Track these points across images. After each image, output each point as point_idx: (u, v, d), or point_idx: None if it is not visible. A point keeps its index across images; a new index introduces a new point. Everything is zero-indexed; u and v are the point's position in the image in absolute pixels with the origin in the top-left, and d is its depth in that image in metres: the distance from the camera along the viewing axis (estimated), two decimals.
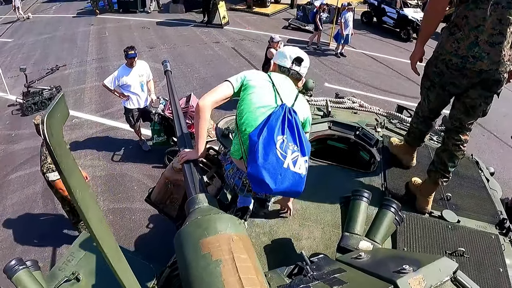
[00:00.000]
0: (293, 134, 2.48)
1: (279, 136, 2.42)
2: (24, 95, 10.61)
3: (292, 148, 2.44)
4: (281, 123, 2.46)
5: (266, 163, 2.38)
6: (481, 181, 4.06)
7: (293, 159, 2.42)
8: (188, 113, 7.49)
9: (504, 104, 14.16)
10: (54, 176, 5.08)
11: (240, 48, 16.50)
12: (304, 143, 2.51)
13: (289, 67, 2.86)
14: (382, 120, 5.00)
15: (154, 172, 7.88)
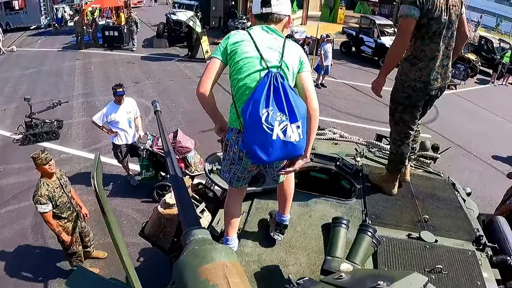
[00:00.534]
0: (279, 102, 2.51)
1: (264, 110, 2.48)
2: (27, 125, 10.95)
3: (279, 118, 2.49)
4: (265, 95, 2.51)
5: (254, 138, 2.52)
6: (457, 201, 4.27)
7: (282, 129, 2.49)
8: (176, 148, 7.77)
9: (481, 124, 14.76)
10: (42, 208, 5.32)
11: (223, 82, 16.53)
12: (295, 108, 2.52)
13: (260, 12, 2.85)
14: (361, 150, 5.19)
15: (143, 207, 8.07)
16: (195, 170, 8.10)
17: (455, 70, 22.37)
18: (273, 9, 2.81)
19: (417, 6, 3.52)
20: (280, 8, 2.83)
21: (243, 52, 2.71)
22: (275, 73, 2.59)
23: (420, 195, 4.27)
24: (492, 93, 22.41)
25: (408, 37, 3.67)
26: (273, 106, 2.50)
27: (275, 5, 2.81)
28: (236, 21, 24.96)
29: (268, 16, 2.83)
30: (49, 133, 11.15)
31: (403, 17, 3.67)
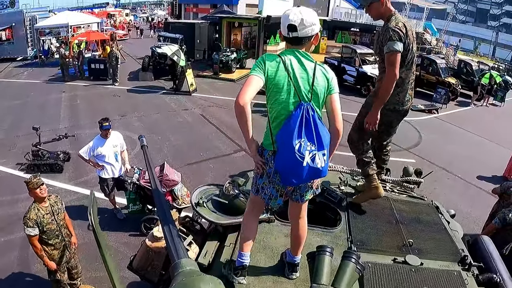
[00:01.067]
0: (310, 134, 2.83)
1: (296, 141, 2.79)
2: (33, 155, 11.25)
3: (310, 148, 2.81)
4: (298, 127, 2.82)
5: (287, 164, 2.86)
6: (441, 224, 4.38)
7: (311, 157, 2.82)
8: (163, 182, 7.91)
9: (464, 146, 15.13)
10: (28, 231, 5.46)
11: (208, 114, 17.24)
12: (322, 138, 2.85)
13: (288, 36, 2.97)
14: (345, 179, 5.30)
15: (130, 240, 8.13)
16: (182, 203, 8.22)
17: (436, 94, 23.04)
18: (299, 33, 2.94)
19: (401, 41, 4.11)
20: (306, 31, 2.94)
21: (279, 81, 2.92)
22: (306, 105, 2.88)
23: (404, 220, 4.37)
24: (473, 115, 23.21)
25: (398, 69, 4.15)
26: (304, 138, 2.81)
27: (301, 30, 2.93)
28: (220, 53, 25.32)
29: (295, 40, 2.98)
30: (53, 166, 11.27)
31: (392, 52, 4.08)
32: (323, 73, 2.99)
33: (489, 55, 69.54)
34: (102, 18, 47.96)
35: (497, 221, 6.62)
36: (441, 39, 51.79)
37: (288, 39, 3.01)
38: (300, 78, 2.93)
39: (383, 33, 4.23)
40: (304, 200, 3.30)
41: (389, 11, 4.32)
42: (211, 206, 3.99)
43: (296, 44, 3.00)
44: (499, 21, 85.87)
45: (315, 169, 2.85)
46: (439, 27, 58.96)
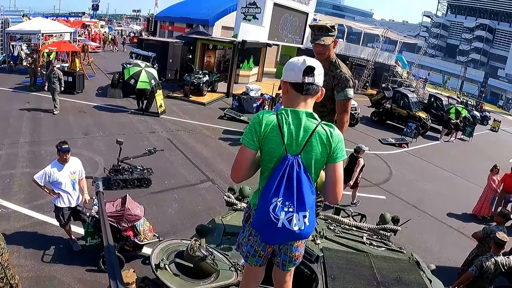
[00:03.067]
0: (290, 192, 2.58)
1: (273, 199, 2.58)
2: (114, 169, 11.39)
3: (286, 208, 2.57)
4: (277, 183, 2.60)
5: (262, 222, 2.67)
6: (424, 284, 4.18)
7: (288, 219, 2.58)
8: (124, 216, 7.52)
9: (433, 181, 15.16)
10: None
11: (176, 139, 16.81)
12: (305, 198, 2.59)
13: (302, 81, 2.71)
14: (321, 229, 5.07)
15: (86, 276, 7.56)
16: (144, 238, 7.87)
17: (407, 128, 23.55)
18: (315, 79, 2.73)
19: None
20: (320, 78, 2.76)
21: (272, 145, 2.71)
22: (293, 159, 2.63)
23: (385, 281, 4.13)
24: (442, 150, 23.86)
25: None
26: (282, 197, 2.58)
27: (317, 75, 2.73)
28: (192, 75, 25.07)
29: (309, 87, 2.74)
30: (141, 180, 11.60)
31: (349, 99, 4.21)
32: (324, 138, 2.71)
33: (457, 89, 71.68)
34: (77, 28, 47.26)
35: (474, 269, 6.56)
36: (412, 72, 53.17)
37: (297, 85, 2.74)
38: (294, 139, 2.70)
39: (338, 78, 4.24)
40: (285, 270, 3.09)
41: (332, 53, 4.36)
42: (174, 268, 3.59)
43: (305, 94, 2.75)
44: (468, 56, 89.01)
45: (292, 232, 2.62)
46: (409, 60, 60.61)
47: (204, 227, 4.91)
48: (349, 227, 5.66)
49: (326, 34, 4.14)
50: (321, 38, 4.15)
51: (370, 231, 5.60)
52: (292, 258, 3.02)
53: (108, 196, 9.60)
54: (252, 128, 2.74)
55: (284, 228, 2.60)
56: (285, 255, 3.01)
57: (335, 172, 2.76)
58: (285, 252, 3.00)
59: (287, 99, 2.85)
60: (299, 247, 3.02)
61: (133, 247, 7.94)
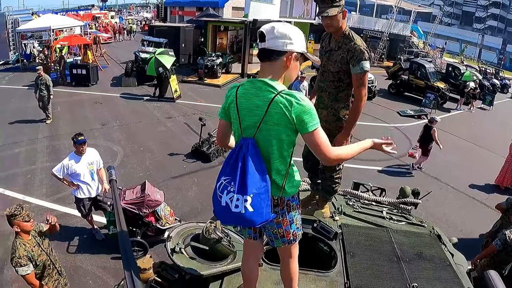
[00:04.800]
0: (234, 172, 2.57)
1: (222, 178, 2.63)
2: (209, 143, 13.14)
3: (230, 188, 2.57)
4: (225, 163, 2.66)
5: (213, 199, 2.74)
6: (446, 259, 4.10)
7: (230, 199, 2.56)
8: (145, 203, 7.54)
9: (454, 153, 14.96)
10: (24, 271, 4.96)
11: (193, 123, 16.77)
12: (248, 181, 2.51)
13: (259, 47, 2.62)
14: (339, 206, 4.98)
15: (110, 264, 7.64)
16: (166, 223, 7.91)
17: (425, 99, 23.07)
18: (266, 44, 2.56)
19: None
20: (275, 42, 2.55)
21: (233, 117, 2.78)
22: (246, 142, 2.61)
23: (406, 256, 4.04)
24: (462, 120, 23.28)
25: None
26: (228, 176, 2.60)
27: (270, 39, 2.55)
28: (205, 58, 25.03)
29: (263, 53, 2.62)
30: (219, 151, 13.12)
31: (365, 72, 4.05)
32: (282, 107, 2.51)
33: (475, 57, 70.19)
34: (87, 20, 47.34)
35: (498, 243, 6.36)
36: (428, 41, 52.20)
37: (258, 54, 2.68)
38: (248, 112, 2.65)
39: (352, 51, 4.06)
40: (275, 246, 3.02)
41: (343, 26, 4.18)
42: (190, 252, 3.56)
43: (265, 60, 2.64)
44: (485, 23, 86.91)
45: (232, 213, 2.57)
46: (425, 30, 59.43)
47: None
48: (369, 202, 5.56)
49: (330, 5, 3.99)
50: (326, 10, 4.00)
51: (390, 205, 5.50)
52: (277, 235, 2.93)
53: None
54: (224, 102, 2.86)
55: (227, 208, 2.58)
56: (269, 231, 2.97)
57: (310, 140, 2.60)
58: (268, 229, 2.96)
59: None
60: (282, 224, 2.89)
61: (155, 233, 8.00)
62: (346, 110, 4.37)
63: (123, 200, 7.57)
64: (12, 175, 11.15)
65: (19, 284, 6.99)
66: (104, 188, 8.16)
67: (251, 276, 3.24)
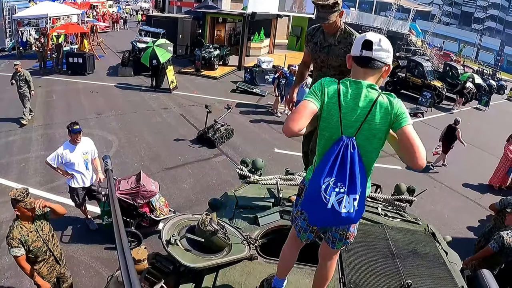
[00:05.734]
0: (343, 173, 2.54)
1: (326, 179, 2.54)
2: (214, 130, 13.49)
3: (338, 189, 2.53)
4: (331, 164, 2.56)
5: (311, 202, 2.65)
6: (440, 256, 4.11)
7: (338, 200, 2.54)
8: (140, 193, 7.51)
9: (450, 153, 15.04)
10: (14, 252, 5.05)
11: (189, 114, 16.79)
12: (357, 181, 2.55)
13: (359, 55, 2.68)
14: None
15: (104, 254, 7.62)
16: (160, 214, 7.89)
17: (422, 97, 23.13)
18: (373, 53, 2.65)
19: None
20: (381, 54, 2.66)
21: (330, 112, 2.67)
22: (347, 141, 2.59)
23: (401, 253, 4.04)
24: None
25: None
26: (335, 177, 2.54)
27: (376, 50, 2.65)
28: (203, 50, 24.92)
29: (367, 60, 2.67)
30: (229, 133, 14.03)
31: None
32: (385, 107, 2.62)
33: (473, 57, 70.26)
34: (85, 9, 47.03)
35: (495, 246, 6.35)
36: (426, 40, 52.19)
37: (357, 58, 2.71)
38: (352, 110, 2.64)
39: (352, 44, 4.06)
40: (335, 248, 3.04)
41: (340, 21, 4.30)
42: (185, 244, 3.53)
43: (364, 67, 2.69)
44: (483, 24, 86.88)
45: (339, 214, 2.56)
46: (423, 28, 59.39)
47: (217, 201, 4.83)
48: None
49: (330, 11, 4.05)
50: (326, 17, 4.08)
51: (385, 202, 5.48)
52: (343, 236, 2.96)
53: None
54: (313, 91, 2.70)
55: (333, 210, 2.55)
56: (336, 232, 2.96)
57: (406, 135, 2.61)
58: (336, 229, 2.95)
59: (352, 72, 2.80)
60: (351, 226, 2.94)
61: (150, 223, 7.99)
62: None
63: (118, 190, 7.53)
64: (6, 164, 11.10)
65: (12, 273, 7.01)
66: (98, 178, 8.12)
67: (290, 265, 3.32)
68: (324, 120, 2.70)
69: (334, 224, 2.80)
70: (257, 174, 5.65)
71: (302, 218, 2.98)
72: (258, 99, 20.42)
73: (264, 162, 5.92)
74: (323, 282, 3.22)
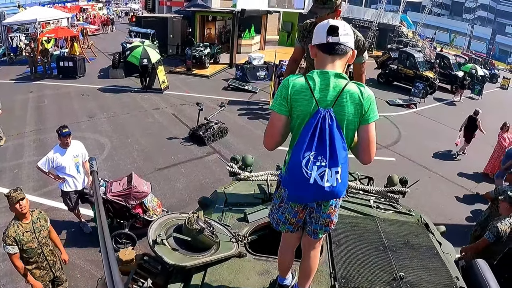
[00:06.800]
0: (322, 146, 2.51)
1: (306, 154, 2.51)
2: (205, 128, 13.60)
3: (319, 163, 2.50)
4: (310, 137, 2.52)
5: (293, 179, 2.60)
6: (433, 247, 4.08)
7: (320, 174, 2.50)
8: (132, 194, 7.49)
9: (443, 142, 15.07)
10: (7, 249, 5.16)
11: (180, 114, 16.79)
12: (338, 153, 2.51)
13: (325, 42, 2.63)
14: None
15: (98, 257, 7.58)
16: (153, 214, 7.87)
17: (414, 88, 23.22)
18: (340, 38, 2.62)
19: None
20: (346, 39, 2.65)
21: (303, 105, 2.63)
22: (324, 112, 2.54)
23: (393, 245, 4.00)
24: (450, 109, 23.55)
25: None
26: (315, 151, 2.50)
27: (342, 35, 2.63)
28: (193, 49, 24.87)
29: (334, 46, 2.64)
30: (222, 131, 14.04)
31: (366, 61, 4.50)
32: (356, 94, 2.61)
33: (465, 47, 70.37)
34: (74, 12, 46.88)
35: (490, 236, 6.30)
36: (417, 31, 52.24)
37: (323, 46, 2.66)
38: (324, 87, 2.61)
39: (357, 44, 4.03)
40: (317, 238, 3.04)
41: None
42: (173, 243, 3.51)
43: (332, 54, 2.66)
44: (474, 14, 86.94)
45: (322, 188, 2.52)
46: (414, 19, 59.43)
47: (207, 199, 4.81)
48: (356, 191, 5.52)
49: (322, 6, 4.04)
50: (316, 11, 4.10)
51: (378, 194, 5.46)
52: (323, 225, 2.93)
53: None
54: (280, 92, 2.68)
55: (316, 185, 2.51)
56: (316, 223, 2.93)
57: (368, 133, 2.68)
58: (316, 220, 2.91)
59: (316, 63, 2.77)
60: (331, 214, 2.89)
61: (143, 224, 7.96)
62: None
63: (110, 192, 7.52)
64: None
65: (8, 280, 6.99)
66: (90, 180, 8.07)
67: (289, 266, 3.34)
68: (298, 116, 2.68)
69: (318, 199, 2.72)
70: (247, 170, 5.61)
71: (281, 211, 2.97)
72: (250, 95, 20.43)
73: (253, 158, 5.88)
74: (308, 273, 3.22)
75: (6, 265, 7.09)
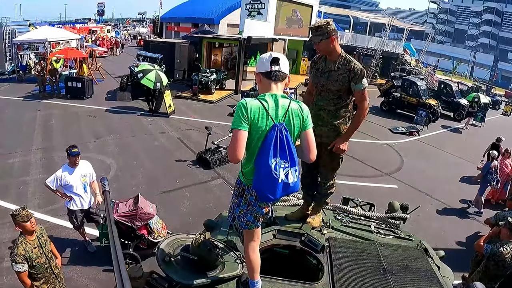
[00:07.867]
0: (284, 152, 3.13)
1: (273, 159, 3.10)
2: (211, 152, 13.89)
3: (283, 165, 3.13)
4: (273, 147, 3.11)
5: (264, 182, 3.16)
6: (432, 271, 4.16)
7: (285, 174, 3.15)
8: (137, 215, 7.59)
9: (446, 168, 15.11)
10: (17, 268, 5.23)
11: (186, 138, 16.96)
12: (294, 155, 3.18)
13: (269, 70, 3.25)
14: (327, 220, 5.07)
15: (102, 276, 7.67)
16: (158, 236, 7.94)
17: (417, 116, 23.37)
18: (280, 67, 3.26)
19: None
20: (284, 67, 3.30)
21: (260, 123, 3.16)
22: (280, 126, 3.15)
23: (392, 268, 4.11)
24: (452, 136, 23.70)
25: None
26: (279, 156, 3.13)
27: (282, 64, 3.28)
28: (200, 74, 25.20)
29: (276, 74, 3.27)
30: (221, 160, 13.92)
31: (366, 88, 4.57)
32: (297, 110, 3.29)
33: (467, 74, 70.73)
34: (83, 34, 47.54)
35: (487, 250, 6.51)
36: (420, 59, 52.60)
37: (266, 73, 3.28)
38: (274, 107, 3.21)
39: (354, 71, 4.50)
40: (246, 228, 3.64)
41: (337, 49, 4.60)
42: (180, 262, 3.66)
43: (275, 80, 3.29)
44: (477, 41, 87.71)
45: (288, 184, 3.19)
46: (418, 47, 59.93)
47: (212, 222, 4.97)
48: (357, 217, 5.65)
49: (314, 33, 4.46)
50: (312, 39, 4.57)
51: (379, 220, 5.58)
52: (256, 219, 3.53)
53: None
54: (240, 113, 3.13)
55: (284, 183, 3.16)
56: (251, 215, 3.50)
57: (308, 137, 3.38)
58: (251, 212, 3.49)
59: (261, 87, 3.38)
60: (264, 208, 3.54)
61: (147, 245, 8.03)
62: (344, 125, 4.81)
63: (116, 213, 7.61)
64: (5, 186, 11.17)
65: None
66: (96, 200, 8.22)
67: (259, 264, 3.63)
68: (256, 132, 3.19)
69: (285, 194, 3.30)
70: None
71: (249, 213, 3.47)
72: None
73: None
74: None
75: (10, 279, 7.18)
